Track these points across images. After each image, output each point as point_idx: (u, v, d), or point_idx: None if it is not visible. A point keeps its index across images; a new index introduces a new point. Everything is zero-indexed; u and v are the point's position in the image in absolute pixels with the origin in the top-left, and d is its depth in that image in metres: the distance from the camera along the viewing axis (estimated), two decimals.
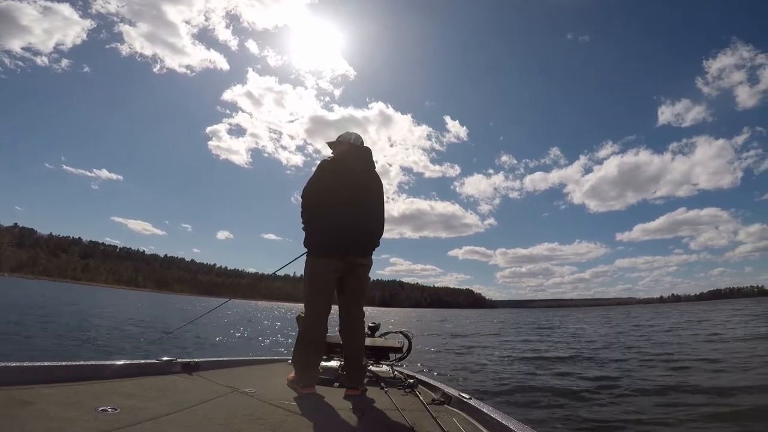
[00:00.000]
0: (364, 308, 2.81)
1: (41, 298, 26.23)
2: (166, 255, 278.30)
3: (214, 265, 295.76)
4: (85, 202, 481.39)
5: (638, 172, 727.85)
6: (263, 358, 3.69)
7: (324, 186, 2.66)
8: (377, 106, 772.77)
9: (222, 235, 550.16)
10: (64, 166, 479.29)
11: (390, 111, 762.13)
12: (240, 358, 3.36)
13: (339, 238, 2.56)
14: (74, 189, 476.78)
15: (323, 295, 2.58)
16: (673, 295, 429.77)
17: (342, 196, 2.62)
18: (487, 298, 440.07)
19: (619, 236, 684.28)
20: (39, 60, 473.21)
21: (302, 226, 2.74)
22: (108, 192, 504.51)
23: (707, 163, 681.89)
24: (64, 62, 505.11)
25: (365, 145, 2.94)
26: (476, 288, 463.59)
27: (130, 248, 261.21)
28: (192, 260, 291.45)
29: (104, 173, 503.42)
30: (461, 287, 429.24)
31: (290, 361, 3.12)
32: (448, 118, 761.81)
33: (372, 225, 2.74)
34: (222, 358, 3.13)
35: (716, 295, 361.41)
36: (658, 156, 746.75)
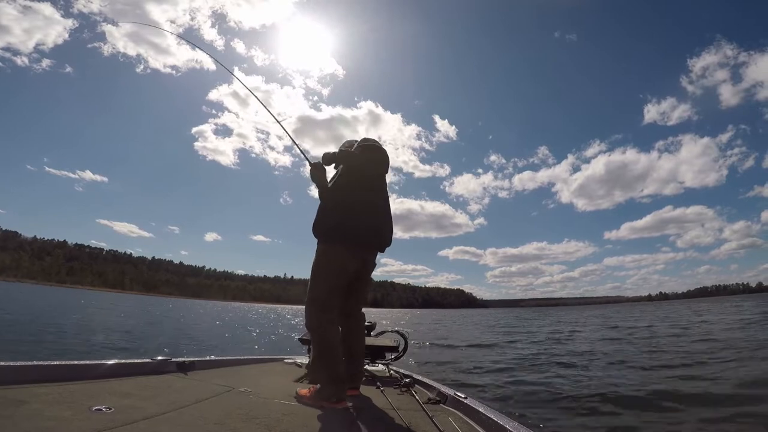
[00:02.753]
0: None
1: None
2: (153, 257, 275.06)
3: (203, 267, 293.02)
4: (69, 204, 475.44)
5: (625, 170, 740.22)
6: (259, 357, 3.64)
7: (376, 166, 2.48)
8: (366, 106, 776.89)
9: (210, 237, 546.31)
10: (47, 168, 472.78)
11: (379, 110, 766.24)
12: (235, 358, 3.32)
13: (369, 234, 2.40)
14: (58, 191, 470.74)
15: (342, 292, 2.34)
16: (661, 293, 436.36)
17: (370, 191, 2.46)
18: (478, 297, 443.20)
19: (607, 235, 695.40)
20: (19, 60, 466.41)
21: (333, 201, 2.41)
22: (92, 194, 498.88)
23: (693, 161, 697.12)
24: (45, 62, 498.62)
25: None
26: (467, 288, 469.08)
27: (116, 251, 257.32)
28: (180, 262, 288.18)
29: (88, 175, 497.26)
30: (452, 287, 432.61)
31: (305, 371, 2.99)
32: (437, 117, 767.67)
33: (389, 224, 2.58)
34: (217, 358, 3.09)
35: (703, 293, 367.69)
36: (644, 154, 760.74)
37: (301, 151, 2.67)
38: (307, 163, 2.52)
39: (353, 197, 2.36)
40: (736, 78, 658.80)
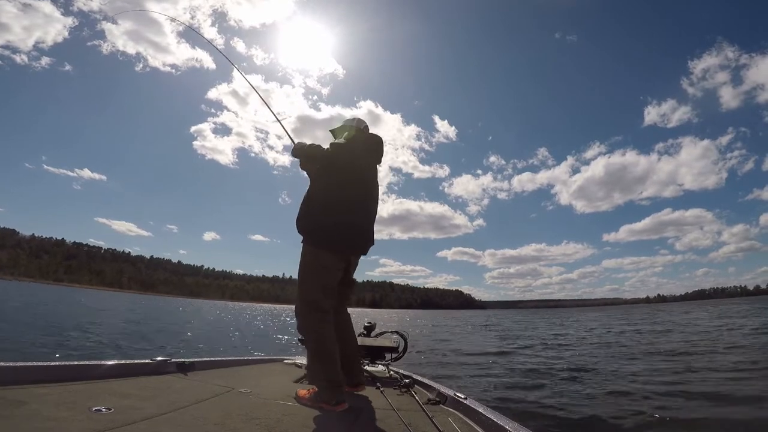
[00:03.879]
0: (354, 309, 2.63)
1: None
2: (152, 256, 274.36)
3: (202, 266, 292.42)
4: (67, 203, 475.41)
5: (625, 172, 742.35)
6: (259, 357, 3.61)
7: (349, 166, 2.32)
8: (366, 105, 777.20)
9: (209, 236, 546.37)
10: (45, 166, 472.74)
11: (379, 110, 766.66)
12: (235, 358, 3.29)
13: (352, 233, 2.30)
14: (56, 189, 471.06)
15: (334, 291, 2.27)
16: (659, 295, 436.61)
17: (357, 186, 2.35)
18: (476, 299, 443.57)
19: (605, 237, 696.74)
20: (18, 58, 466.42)
21: (307, 205, 2.30)
22: (91, 192, 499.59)
23: (692, 163, 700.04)
24: (45, 60, 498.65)
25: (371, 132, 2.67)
26: (465, 289, 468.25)
27: (115, 249, 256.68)
28: (179, 262, 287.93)
29: (86, 173, 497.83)
30: (451, 288, 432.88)
31: (304, 371, 2.98)
32: (437, 118, 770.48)
33: (373, 223, 2.49)
34: (217, 358, 3.07)
35: (701, 296, 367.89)
36: (644, 156, 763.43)
37: (291, 138, 2.62)
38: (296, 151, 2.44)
39: (338, 193, 2.26)
40: (736, 80, 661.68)
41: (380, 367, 3.42)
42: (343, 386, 2.11)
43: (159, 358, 2.44)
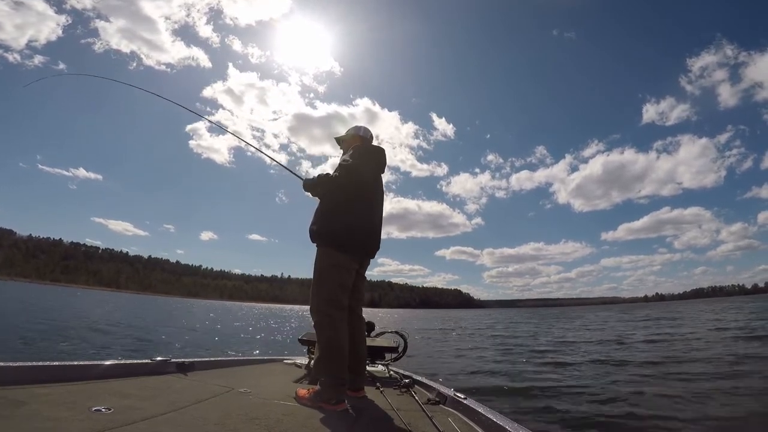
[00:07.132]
0: None
1: None
2: (149, 256, 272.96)
3: (200, 266, 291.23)
4: (63, 202, 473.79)
5: (623, 171, 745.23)
6: (259, 357, 3.62)
7: (356, 181, 2.40)
8: (363, 103, 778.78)
9: (206, 236, 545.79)
10: (40, 166, 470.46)
11: (376, 108, 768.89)
12: (235, 358, 3.30)
13: (366, 238, 2.44)
14: (52, 189, 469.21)
15: (347, 293, 2.35)
16: (657, 294, 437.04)
17: (364, 197, 2.47)
18: (475, 298, 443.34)
19: (604, 235, 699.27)
20: (10, 57, 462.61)
21: (327, 208, 2.39)
22: (87, 192, 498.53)
23: (691, 162, 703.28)
24: (38, 59, 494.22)
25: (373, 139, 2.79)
26: (464, 288, 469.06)
27: (112, 249, 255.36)
28: (177, 262, 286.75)
29: (81, 172, 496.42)
30: (449, 287, 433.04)
31: (305, 371, 3.03)
32: (434, 116, 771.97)
33: (379, 229, 2.60)
34: (217, 358, 3.09)
35: (699, 294, 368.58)
36: (642, 155, 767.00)
37: (299, 176, 2.62)
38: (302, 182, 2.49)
39: (351, 202, 2.37)
40: (734, 78, 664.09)
41: (380, 367, 3.43)
42: (345, 386, 2.14)
43: (159, 358, 2.43)
